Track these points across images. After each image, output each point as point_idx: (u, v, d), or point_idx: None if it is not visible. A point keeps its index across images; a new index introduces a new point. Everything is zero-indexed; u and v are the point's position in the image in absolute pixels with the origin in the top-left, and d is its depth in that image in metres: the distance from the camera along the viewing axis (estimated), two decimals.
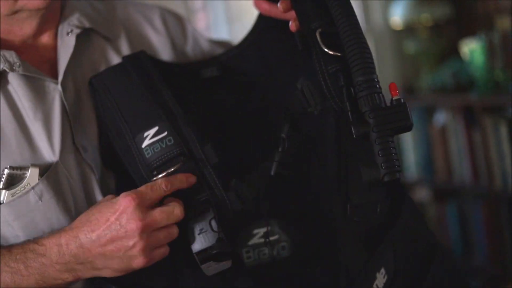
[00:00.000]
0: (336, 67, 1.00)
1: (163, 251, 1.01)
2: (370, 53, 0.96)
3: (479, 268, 3.03)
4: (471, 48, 2.91)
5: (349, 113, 0.96)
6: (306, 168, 1.12)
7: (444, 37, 3.18)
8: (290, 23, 1.09)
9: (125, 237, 0.98)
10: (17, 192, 1.05)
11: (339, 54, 1.00)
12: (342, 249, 1.08)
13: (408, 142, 3.22)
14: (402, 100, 0.95)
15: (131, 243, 0.98)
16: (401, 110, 0.93)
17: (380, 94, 0.95)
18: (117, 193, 1.06)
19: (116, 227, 0.98)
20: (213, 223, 1.02)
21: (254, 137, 1.15)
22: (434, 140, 3.12)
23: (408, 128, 0.94)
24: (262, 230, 1.11)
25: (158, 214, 0.99)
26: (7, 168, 1.06)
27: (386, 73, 3.27)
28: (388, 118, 0.93)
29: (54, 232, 1.03)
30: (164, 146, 1.05)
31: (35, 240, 1.03)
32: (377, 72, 0.98)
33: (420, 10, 3.10)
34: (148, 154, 1.05)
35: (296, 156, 1.10)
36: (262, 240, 1.10)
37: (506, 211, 2.91)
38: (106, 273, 1.02)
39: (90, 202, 1.11)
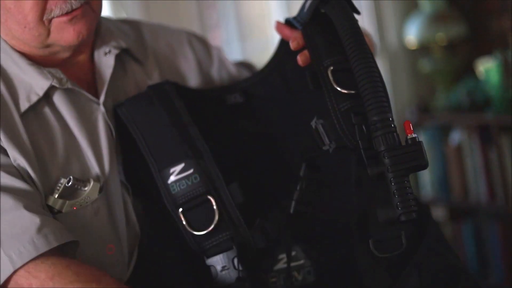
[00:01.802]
0: (347, 105, 1.00)
1: None
2: (384, 91, 0.96)
3: (496, 287, 3.02)
4: (487, 67, 2.91)
5: (362, 151, 0.96)
6: (324, 203, 1.12)
7: (459, 56, 3.18)
8: (297, 57, 1.10)
9: None
10: (76, 203, 1.06)
11: (352, 91, 1.01)
12: (366, 274, 1.08)
13: None
14: (417, 138, 0.94)
15: None
16: (416, 149, 0.93)
17: (395, 133, 0.94)
18: (146, 217, 1.07)
19: None
20: (236, 262, 1.03)
21: (274, 173, 1.16)
22: (449, 159, 3.11)
23: (423, 167, 0.93)
24: (283, 256, 1.11)
25: None
26: (69, 178, 1.07)
27: (401, 93, 3.27)
28: (403, 158, 0.93)
29: None
30: (190, 183, 1.06)
31: None
32: (392, 92, 0.98)
33: (435, 30, 3.10)
34: (174, 190, 1.06)
35: (314, 193, 1.10)
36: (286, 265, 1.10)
37: None
38: None
39: (128, 221, 1.13)
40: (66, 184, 1.07)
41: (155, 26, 1.35)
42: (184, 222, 1.05)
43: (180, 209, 1.06)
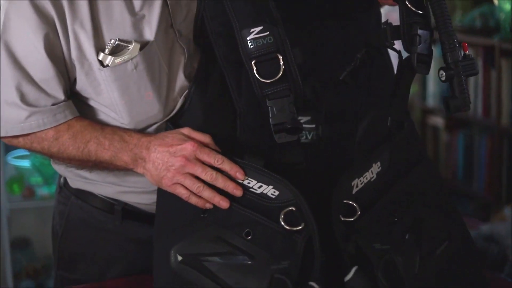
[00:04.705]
0: (413, 20, 1.30)
1: (183, 192, 1.30)
2: (450, 18, 1.26)
3: (476, 194, 3.34)
4: None
5: (416, 55, 1.28)
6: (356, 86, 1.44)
7: None
8: None
9: (171, 159, 1.32)
10: (121, 59, 1.35)
11: (419, 11, 1.30)
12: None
13: (431, 73, 3.44)
14: (471, 55, 1.27)
15: (170, 165, 1.31)
16: (472, 62, 1.25)
17: (458, 51, 1.25)
18: (196, 78, 1.40)
19: (172, 151, 1.32)
20: (291, 105, 1.33)
21: (332, 48, 1.44)
22: None
23: (475, 74, 1.25)
24: (305, 118, 1.41)
25: (199, 167, 1.30)
26: (115, 39, 1.35)
27: None
28: (464, 68, 1.25)
29: (138, 133, 1.35)
30: (265, 42, 1.33)
31: (124, 130, 1.35)
32: None
33: None
34: (251, 45, 1.34)
35: (364, 70, 1.42)
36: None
37: (509, 146, 3.18)
38: (147, 176, 1.33)
39: (172, 77, 1.41)
40: (113, 44, 1.35)
41: None
42: (254, 71, 1.33)
43: (253, 61, 1.33)
